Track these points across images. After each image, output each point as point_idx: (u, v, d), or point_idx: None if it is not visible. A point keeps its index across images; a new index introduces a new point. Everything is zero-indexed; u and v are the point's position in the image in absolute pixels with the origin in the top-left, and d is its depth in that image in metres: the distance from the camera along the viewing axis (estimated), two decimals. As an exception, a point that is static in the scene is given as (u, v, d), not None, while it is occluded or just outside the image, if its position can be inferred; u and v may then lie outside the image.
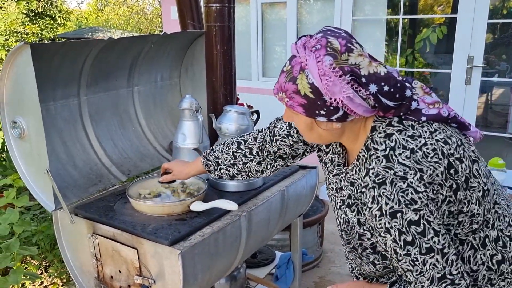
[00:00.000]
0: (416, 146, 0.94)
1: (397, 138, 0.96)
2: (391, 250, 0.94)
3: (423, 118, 0.98)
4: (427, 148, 0.94)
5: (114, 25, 13.53)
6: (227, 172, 1.41)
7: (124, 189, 1.67)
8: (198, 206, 1.46)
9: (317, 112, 0.95)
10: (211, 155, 1.43)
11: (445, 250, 0.91)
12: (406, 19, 4.99)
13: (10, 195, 1.81)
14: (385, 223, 0.91)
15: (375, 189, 0.92)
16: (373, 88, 0.92)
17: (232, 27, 1.91)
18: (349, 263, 1.23)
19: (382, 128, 0.99)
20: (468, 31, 3.82)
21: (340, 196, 1.12)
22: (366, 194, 0.95)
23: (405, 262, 0.92)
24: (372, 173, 0.94)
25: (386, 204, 0.90)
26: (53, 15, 11.70)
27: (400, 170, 0.91)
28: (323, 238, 2.94)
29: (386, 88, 0.93)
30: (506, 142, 4.65)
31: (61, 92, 1.73)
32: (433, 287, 0.91)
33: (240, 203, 1.60)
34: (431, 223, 0.90)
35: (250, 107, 4.13)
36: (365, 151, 1.01)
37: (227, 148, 1.40)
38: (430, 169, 0.92)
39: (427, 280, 0.91)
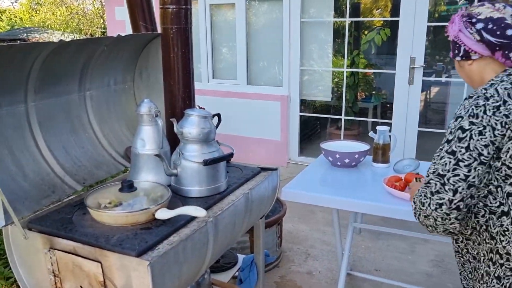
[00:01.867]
0: None
1: None
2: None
3: None
4: None
5: (51, 26, 12.82)
6: None
7: (81, 200, 1.59)
8: (164, 213, 1.42)
9: (454, 53, 1.27)
10: None
11: (461, 164, 1.08)
12: (351, 21, 5.16)
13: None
14: (451, 123, 1.15)
15: (465, 100, 1.16)
16: (479, 25, 1.18)
17: (190, 29, 1.88)
18: None
19: (510, 70, 1.18)
20: (409, 33, 4.02)
21: None
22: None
23: (436, 153, 1.15)
24: (474, 91, 1.18)
25: (460, 110, 1.14)
26: (-17, 15, 10.89)
27: (490, 93, 1.12)
28: (282, 238, 2.97)
29: (490, 26, 1.16)
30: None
31: (6, 99, 1.61)
32: (430, 173, 1.14)
33: (205, 209, 1.57)
34: (472, 139, 1.08)
35: (201, 108, 4.09)
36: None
37: None
38: None
39: (433, 168, 1.14)
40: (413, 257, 2.98)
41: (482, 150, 1.07)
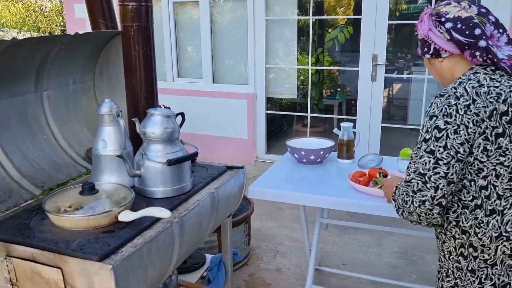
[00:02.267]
0: (488, 85, 1.15)
1: (479, 75, 1.19)
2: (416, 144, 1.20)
3: None
4: (494, 90, 1.14)
5: (7, 24, 12.27)
6: None
7: (39, 204, 1.53)
8: (128, 215, 1.38)
9: (423, 50, 1.30)
10: None
11: (440, 162, 1.12)
12: (315, 19, 5.21)
13: None
14: (425, 121, 1.18)
15: (436, 98, 1.19)
16: (448, 25, 1.21)
17: (151, 27, 1.84)
18: None
19: (476, 68, 1.22)
20: (371, 31, 4.11)
21: None
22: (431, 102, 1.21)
23: (414, 151, 1.18)
24: (444, 89, 1.20)
25: (433, 109, 1.17)
26: None
27: (459, 92, 1.15)
28: (250, 236, 2.97)
29: (459, 25, 1.20)
30: (408, 132, 5.09)
31: (-44, 100, 1.53)
32: (411, 172, 1.16)
33: (171, 209, 1.54)
34: (449, 138, 1.12)
35: (167, 108, 4.03)
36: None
37: None
38: (482, 103, 1.12)
39: (413, 167, 1.16)
40: (378, 250, 3.05)
41: (459, 148, 1.11)
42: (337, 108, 5.76)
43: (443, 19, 1.22)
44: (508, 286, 1.17)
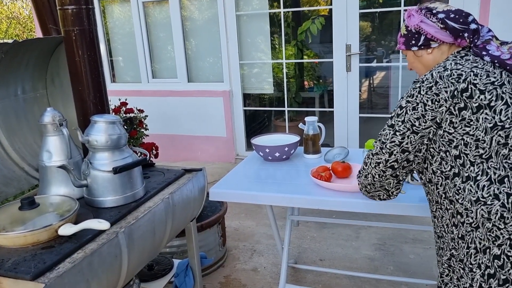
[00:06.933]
0: (451, 68, 1.26)
1: (448, 62, 1.30)
2: None
3: (484, 54, 1.28)
4: (456, 72, 1.24)
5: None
6: None
7: (-18, 222, 1.47)
8: (67, 229, 1.33)
9: (410, 43, 1.39)
10: None
11: (397, 133, 1.29)
12: (289, 12, 5.15)
13: None
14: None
15: (411, 84, 1.31)
16: (441, 15, 1.32)
17: (94, 30, 1.77)
18: None
19: (449, 57, 1.34)
20: (343, 21, 4.05)
21: None
22: None
23: (384, 126, 1.35)
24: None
25: (405, 93, 1.32)
26: None
27: (426, 77, 1.27)
28: (226, 237, 2.92)
29: (452, 15, 1.32)
30: (388, 121, 5.04)
31: None
32: (378, 141, 1.35)
33: (117, 219, 1.50)
34: (406, 115, 1.27)
35: (140, 111, 3.95)
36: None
37: None
38: (443, 84, 1.23)
39: (378, 138, 1.35)
40: (357, 243, 3.01)
41: (414, 122, 1.27)
42: (318, 100, 5.71)
43: (434, 11, 1.34)
44: (487, 250, 1.22)
